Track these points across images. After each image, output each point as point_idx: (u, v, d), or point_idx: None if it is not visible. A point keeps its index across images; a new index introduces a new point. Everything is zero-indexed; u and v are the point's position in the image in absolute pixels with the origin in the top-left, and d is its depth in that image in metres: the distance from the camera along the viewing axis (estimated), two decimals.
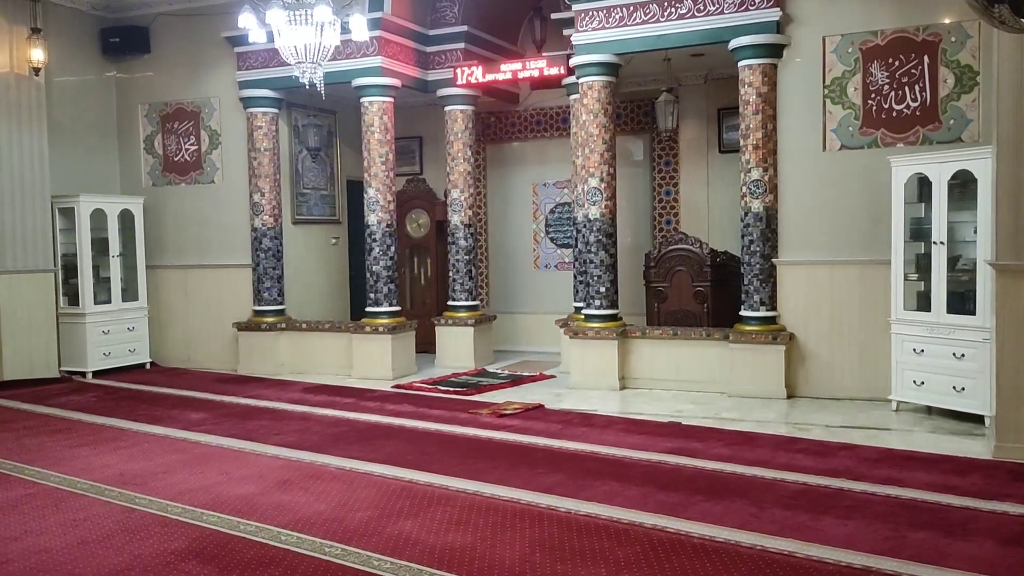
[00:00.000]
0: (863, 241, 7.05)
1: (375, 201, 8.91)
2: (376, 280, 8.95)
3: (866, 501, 4.46)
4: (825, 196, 7.20)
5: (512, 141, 10.76)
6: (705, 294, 8.05)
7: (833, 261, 7.17)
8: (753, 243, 7.39)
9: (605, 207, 8.00)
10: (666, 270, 8.22)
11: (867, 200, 7.02)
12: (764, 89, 7.30)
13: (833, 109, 7.16)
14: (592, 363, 7.96)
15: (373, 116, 8.87)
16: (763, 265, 7.37)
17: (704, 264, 8.05)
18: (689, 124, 9.67)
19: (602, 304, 8.03)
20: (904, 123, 6.92)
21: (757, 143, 7.32)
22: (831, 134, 7.17)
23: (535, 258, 10.68)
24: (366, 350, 8.87)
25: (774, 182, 7.36)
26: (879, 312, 6.93)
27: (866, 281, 7.04)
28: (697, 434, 6.06)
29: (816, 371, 7.27)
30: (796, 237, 7.33)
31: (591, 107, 7.97)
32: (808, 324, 7.28)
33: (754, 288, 7.40)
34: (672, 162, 9.81)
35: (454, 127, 9.46)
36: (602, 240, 8.00)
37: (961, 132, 6.74)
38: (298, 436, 6.32)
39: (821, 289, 7.22)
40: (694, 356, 7.69)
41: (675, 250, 8.18)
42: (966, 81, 6.70)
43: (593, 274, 8.04)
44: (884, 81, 6.97)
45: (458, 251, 9.54)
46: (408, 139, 11.06)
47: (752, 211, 7.38)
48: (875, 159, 6.95)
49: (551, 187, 10.54)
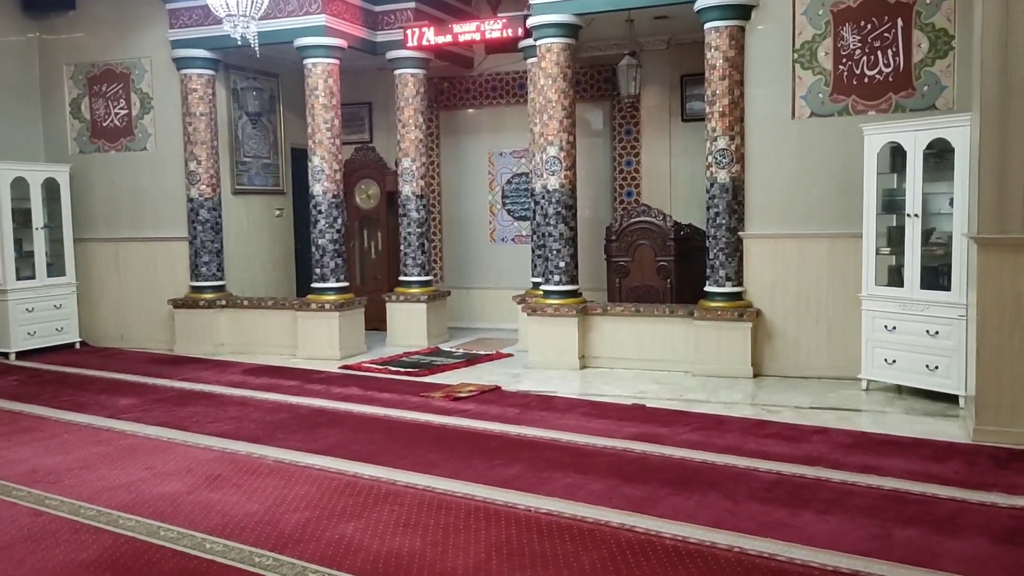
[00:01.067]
0: (833, 213, 6.75)
1: (320, 170, 8.37)
2: (322, 254, 8.44)
3: (846, 492, 4.16)
4: (794, 166, 6.87)
5: (467, 108, 10.26)
6: (669, 269, 7.71)
7: (802, 234, 6.86)
8: (719, 215, 7.04)
9: (564, 177, 7.58)
10: (628, 244, 7.85)
11: (838, 170, 6.70)
12: (731, 53, 6.91)
13: (803, 75, 6.81)
14: (551, 342, 7.58)
15: (317, 79, 8.30)
16: (729, 239, 7.03)
17: (667, 238, 7.69)
18: (651, 91, 9.27)
19: (561, 279, 7.64)
20: (876, 89, 6.60)
21: (723, 110, 6.95)
22: (800, 101, 6.83)
23: (491, 231, 10.25)
24: (312, 329, 8.38)
25: (741, 151, 7.00)
26: (849, 287, 6.65)
27: (836, 255, 6.75)
28: (663, 418, 5.73)
29: (783, 349, 6.99)
30: (763, 209, 7.00)
31: (549, 71, 7.51)
32: (775, 300, 6.98)
33: (720, 263, 7.07)
34: (633, 131, 9.42)
35: (405, 92, 8.93)
36: (561, 212, 7.59)
37: (935, 99, 6.44)
38: (235, 424, 5.84)
39: (789, 263, 6.92)
40: (657, 334, 7.36)
41: (637, 223, 7.81)
42: (941, 45, 6.40)
43: (552, 248, 7.64)
44: (856, 45, 6.64)
45: (410, 224, 9.06)
46: (357, 105, 10.49)
47: (718, 182, 7.02)
48: (846, 127, 6.64)
49: (508, 156, 10.08)
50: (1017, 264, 4.82)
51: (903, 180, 6.22)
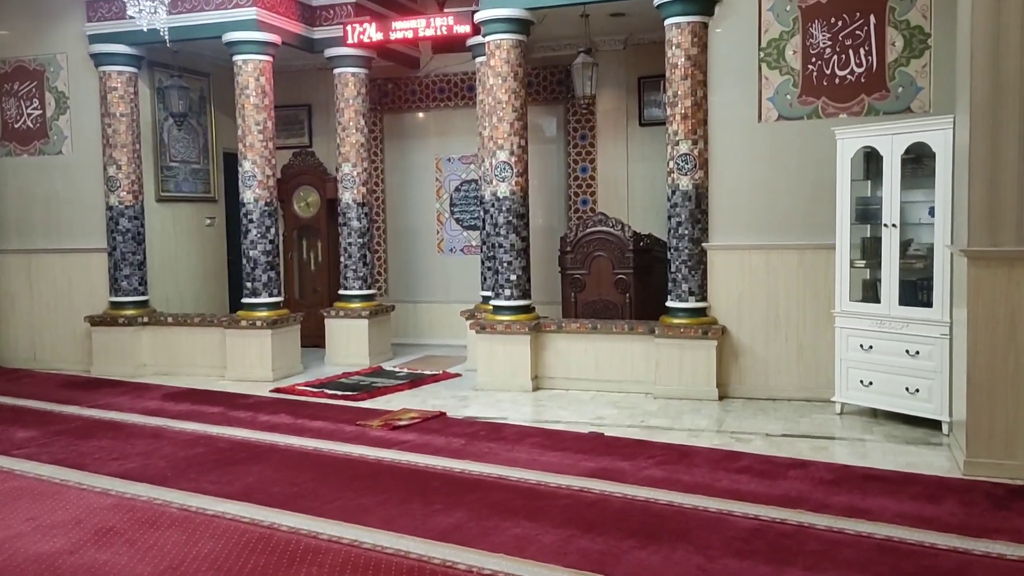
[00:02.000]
0: (803, 223, 6.30)
1: (251, 176, 7.70)
2: (254, 267, 7.76)
3: (834, 542, 3.65)
4: (761, 172, 6.41)
5: (412, 111, 9.66)
6: (627, 282, 7.19)
7: (770, 245, 6.39)
8: (681, 225, 6.55)
9: (516, 184, 7.03)
10: (584, 255, 7.32)
11: (808, 177, 6.26)
12: (694, 51, 6.44)
13: (770, 75, 6.36)
14: (502, 361, 7.01)
15: (248, 77, 7.64)
16: (692, 250, 6.54)
17: (626, 249, 7.18)
18: (607, 94, 8.78)
19: (513, 294, 7.08)
20: (848, 91, 6.17)
21: (686, 112, 6.47)
22: (767, 103, 6.37)
23: (439, 241, 9.65)
24: (242, 348, 7.69)
25: (704, 156, 6.52)
26: (821, 303, 6.20)
27: (806, 268, 6.29)
28: (623, 449, 5.18)
29: (751, 369, 6.51)
30: (729, 218, 6.52)
31: (499, 69, 6.96)
32: (742, 316, 6.50)
33: (682, 276, 6.57)
34: (589, 136, 8.91)
35: (345, 92, 8.31)
36: (512, 221, 7.03)
37: (910, 101, 6.03)
38: (142, 461, 5.16)
39: (756, 277, 6.45)
40: (616, 352, 6.83)
41: (594, 233, 7.29)
42: (916, 44, 5.99)
43: (502, 260, 7.07)
44: (826, 44, 6.20)
45: (350, 233, 8.42)
46: (295, 107, 9.82)
47: (680, 189, 6.53)
48: (816, 131, 6.20)
49: (456, 162, 9.50)
50: (1011, 279, 4.38)
51: (878, 188, 5.80)
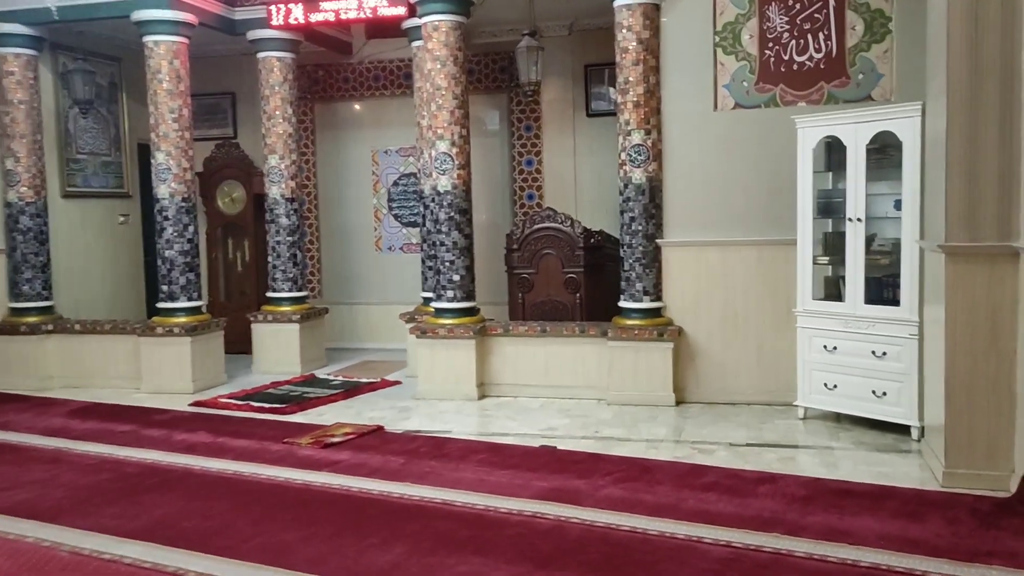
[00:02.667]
0: (763, 217, 5.95)
1: (166, 168, 7.05)
2: (170, 268, 7.12)
3: (817, 572, 3.27)
4: (718, 164, 6.04)
5: (346, 100, 9.08)
6: (578, 282, 6.77)
7: (727, 241, 6.04)
8: (634, 220, 6.15)
9: (457, 177, 6.54)
10: (531, 254, 6.87)
11: (767, 169, 5.92)
12: (646, 35, 6.04)
13: (726, 60, 6.00)
14: (444, 368, 6.52)
15: (161, 60, 6.98)
16: (646, 247, 6.15)
17: (576, 246, 6.75)
18: (553, 83, 8.34)
19: (456, 295, 6.59)
20: (806, 77, 5.84)
21: (638, 100, 6.06)
22: (723, 90, 6.01)
23: (377, 239, 9.10)
24: (158, 357, 7.04)
25: (658, 147, 6.13)
26: (782, 302, 5.87)
27: (766, 265, 5.95)
28: (578, 465, 4.75)
29: (708, 372, 6.15)
30: (684, 213, 6.14)
31: (437, 53, 6.46)
32: (699, 317, 6.14)
33: (636, 275, 6.18)
34: (534, 127, 8.47)
35: (270, 79, 7.70)
36: (454, 217, 6.54)
37: (871, 88, 5.72)
38: (36, 492, 4.53)
39: (714, 275, 6.08)
40: (567, 356, 6.41)
41: (542, 230, 6.84)
42: (877, 28, 5.69)
43: (444, 259, 6.58)
44: (783, 27, 5.87)
45: (279, 231, 7.82)
46: (218, 96, 9.16)
47: (633, 182, 6.13)
48: (775, 120, 5.86)
49: (394, 155, 8.96)
50: (992, 276, 4.08)
51: (841, 180, 5.49)
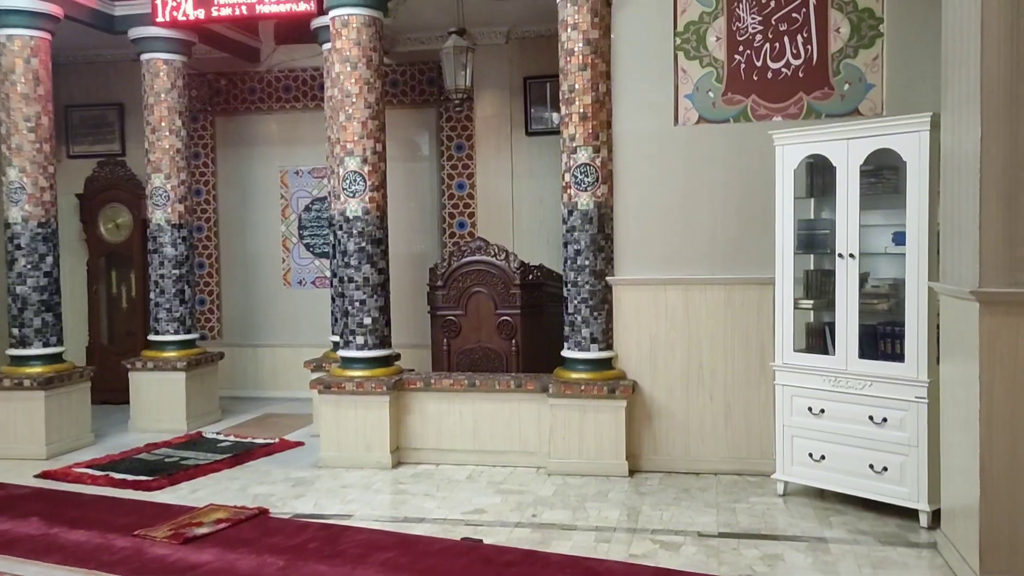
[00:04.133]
0: (732, 252, 5.02)
1: (19, 188, 5.85)
2: (22, 308, 5.89)
3: None
4: (679, 188, 5.11)
5: (252, 113, 7.96)
6: (514, 325, 5.73)
7: (690, 280, 5.09)
8: (580, 254, 5.17)
9: (370, 200, 5.48)
10: (459, 292, 5.83)
11: (736, 194, 5.00)
12: (594, 35, 5.10)
13: (688, 66, 5.09)
14: (352, 430, 5.41)
15: (15, 59, 5.81)
16: (594, 286, 5.16)
17: (511, 283, 5.73)
18: (488, 97, 7.38)
19: (367, 342, 5.50)
20: (783, 88, 4.97)
21: (585, 111, 5.11)
22: (685, 101, 5.10)
23: (285, 271, 7.95)
24: (5, 415, 5.78)
25: (608, 167, 5.18)
26: (755, 353, 4.93)
27: (736, 308, 5.01)
28: (510, 569, 3.68)
29: (668, 435, 5.16)
30: (639, 246, 5.18)
31: (348, 53, 5.43)
32: (657, 369, 5.16)
33: (582, 318, 5.18)
34: (466, 146, 7.47)
35: (155, 84, 6.56)
36: (366, 249, 5.47)
37: (859, 102, 4.87)
38: None
39: (675, 319, 5.12)
40: (500, 416, 5.36)
41: (472, 264, 5.81)
42: (865, 31, 4.85)
43: (353, 298, 5.49)
44: (756, 28, 4.99)
45: (163, 263, 6.63)
46: (103, 107, 7.97)
47: (579, 208, 5.16)
48: (746, 136, 4.96)
49: (306, 176, 7.86)
50: None
51: (827, 207, 4.61)
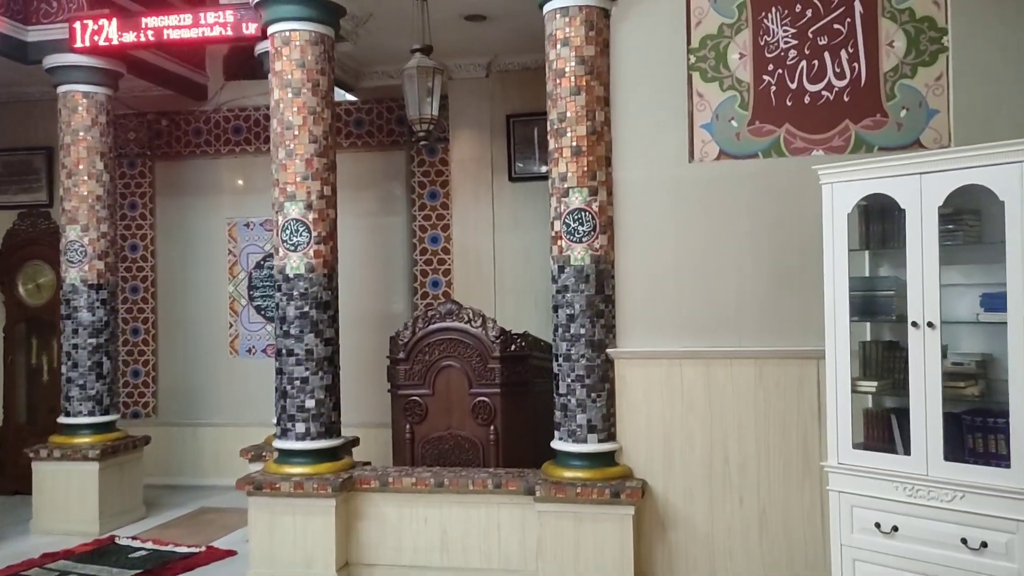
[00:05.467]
0: (765, 318, 4.00)
1: None
2: None
3: None
4: (696, 238, 4.11)
5: (197, 157, 6.98)
6: (492, 408, 4.65)
7: (712, 352, 4.06)
8: (574, 320, 4.13)
9: (316, 255, 4.46)
10: (426, 366, 4.76)
11: (769, 246, 4.01)
12: (590, 51, 4.16)
13: (705, 90, 4.14)
14: (290, 541, 4.30)
15: None
16: (593, 360, 4.12)
17: (490, 356, 4.67)
18: (465, 138, 6.43)
19: (309, 431, 4.42)
20: (824, 115, 4.02)
21: (579, 145, 4.14)
22: (703, 132, 4.14)
23: (233, 338, 6.88)
24: None
25: (608, 214, 4.19)
26: (797, 445, 3.88)
27: (771, 388, 3.97)
28: None
29: (687, 550, 4.06)
30: (648, 310, 4.16)
31: (289, 77, 4.47)
32: (672, 466, 4.09)
33: (577, 401, 4.13)
34: (440, 193, 6.51)
35: (73, 121, 5.59)
36: (309, 314, 4.43)
37: (919, 132, 3.91)
38: None
39: (693, 403, 4.07)
40: (474, 523, 4.26)
41: (441, 332, 4.75)
42: (925, 45, 3.92)
43: (293, 376, 4.43)
44: (789, 43, 4.06)
45: (78, 331, 5.57)
46: (29, 151, 6.99)
47: (572, 264, 4.14)
48: (778, 175, 4.00)
49: (258, 228, 6.85)
50: None
51: (885, 261, 3.61)
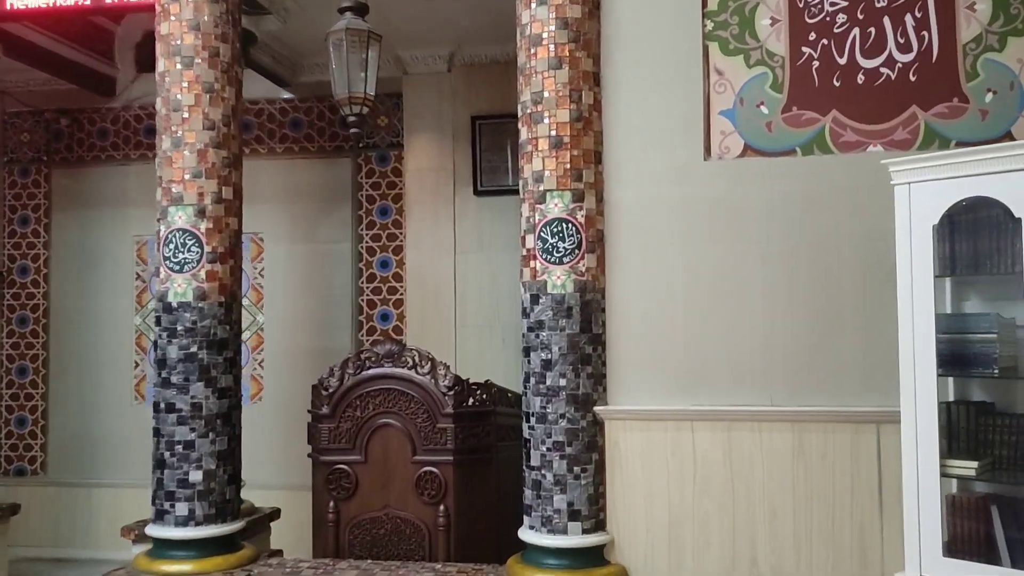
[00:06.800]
0: (803, 367, 2.97)
1: None
2: None
3: None
4: (713, 260, 3.09)
5: (102, 163, 5.89)
6: (442, 482, 3.55)
7: (734, 413, 3.01)
8: (552, 366, 3.07)
9: (208, 277, 3.37)
10: (356, 424, 3.65)
11: (811, 270, 2.99)
12: (575, 12, 3.15)
13: (726, 65, 3.15)
14: None
15: None
16: (576, 421, 3.06)
17: (440, 411, 3.58)
18: (422, 144, 5.42)
19: (194, 513, 3.29)
20: (883, 99, 3.04)
21: (560, 135, 3.11)
22: (722, 121, 3.14)
23: (138, 380, 5.74)
24: None
25: (598, 226, 3.15)
26: (852, 540, 2.84)
27: (814, 462, 2.93)
28: None
29: None
30: (649, 354, 3.11)
31: (178, 42, 3.41)
32: (681, 567, 3.02)
33: (554, 477, 3.05)
34: (392, 209, 5.49)
35: None
36: (197, 356, 3.33)
37: (1012, 121, 2.94)
38: None
39: (709, 480, 3.01)
40: None
41: (378, 380, 3.65)
42: (1018, 7, 2.97)
43: (174, 439, 3.32)
44: (836, 4, 3.10)
45: None
46: None
47: (550, 292, 3.09)
48: (823, 177, 3.00)
49: None
50: None
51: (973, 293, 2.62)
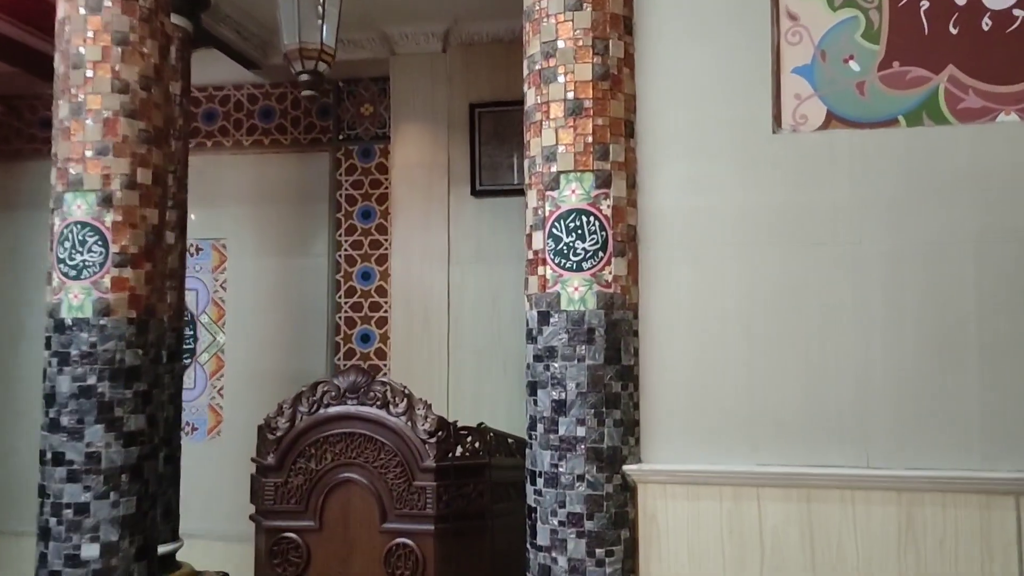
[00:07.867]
0: (915, 416, 2.16)
1: None
2: None
3: None
4: (784, 270, 2.29)
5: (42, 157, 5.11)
6: (419, 559, 2.72)
7: (816, 478, 2.20)
8: (565, 411, 2.27)
9: (115, 285, 2.58)
10: (311, 479, 2.84)
11: (924, 282, 2.19)
12: None
13: (803, 8, 2.37)
14: None
15: None
16: (599, 483, 2.25)
17: (419, 464, 2.76)
18: (413, 136, 4.66)
19: None
20: (1016, 51, 2.25)
21: (580, 99, 2.32)
22: (798, 81, 2.35)
23: None
24: None
25: (629, 220, 2.36)
26: None
27: (929, 548, 2.12)
28: None
29: None
30: (696, 399, 2.31)
31: None
32: None
33: (569, 562, 2.23)
34: (376, 212, 4.73)
35: None
36: (95, 390, 2.53)
37: None
38: None
39: (784, 569, 2.20)
40: None
41: (339, 421, 2.84)
42: None
43: (62, 498, 2.52)
44: None
45: None
46: None
47: (565, 309, 2.29)
48: (939, 153, 2.21)
49: None
50: None
51: None
